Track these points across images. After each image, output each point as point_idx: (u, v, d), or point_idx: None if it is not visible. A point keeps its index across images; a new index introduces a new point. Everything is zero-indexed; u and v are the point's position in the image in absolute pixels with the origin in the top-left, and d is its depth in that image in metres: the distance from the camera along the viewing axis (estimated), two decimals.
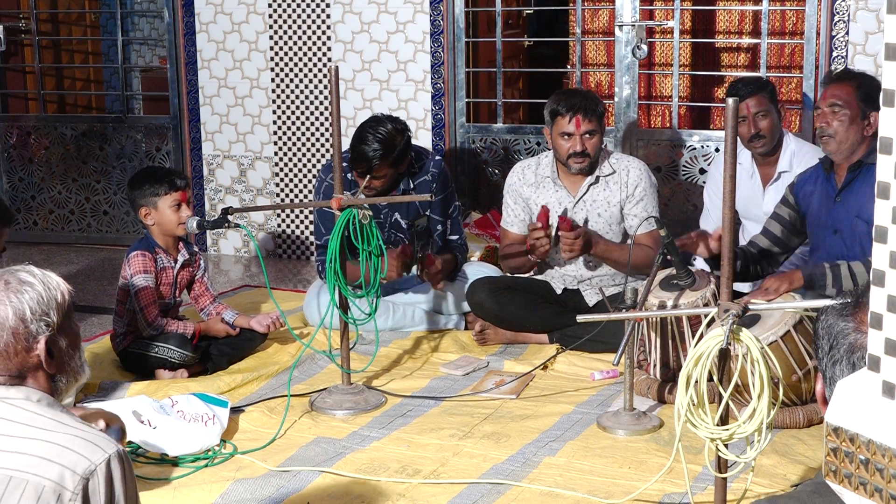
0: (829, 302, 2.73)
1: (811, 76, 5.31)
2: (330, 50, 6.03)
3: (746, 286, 4.51)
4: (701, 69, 6.48)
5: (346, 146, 4.46)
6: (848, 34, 5.12)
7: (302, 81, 6.11)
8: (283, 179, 6.26)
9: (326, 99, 6.07)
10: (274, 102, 6.19)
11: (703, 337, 2.70)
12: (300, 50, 6.08)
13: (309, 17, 6.04)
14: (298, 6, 6.05)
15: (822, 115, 3.96)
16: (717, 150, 5.55)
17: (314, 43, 6.05)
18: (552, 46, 7.82)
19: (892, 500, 1.46)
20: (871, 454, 1.48)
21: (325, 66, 6.05)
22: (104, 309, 5.15)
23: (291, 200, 6.24)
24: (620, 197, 4.49)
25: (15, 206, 6.82)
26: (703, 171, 5.54)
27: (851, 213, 3.88)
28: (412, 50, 5.89)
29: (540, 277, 4.71)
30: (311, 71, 6.09)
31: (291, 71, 6.12)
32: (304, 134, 6.16)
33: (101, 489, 1.88)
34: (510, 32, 6.98)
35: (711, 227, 4.92)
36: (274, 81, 6.17)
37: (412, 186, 4.67)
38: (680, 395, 2.66)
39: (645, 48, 5.54)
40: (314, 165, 6.17)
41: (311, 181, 6.18)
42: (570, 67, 6.45)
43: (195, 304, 4.52)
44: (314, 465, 3.41)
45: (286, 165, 6.23)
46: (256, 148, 6.28)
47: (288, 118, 6.18)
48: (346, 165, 4.52)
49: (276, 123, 6.21)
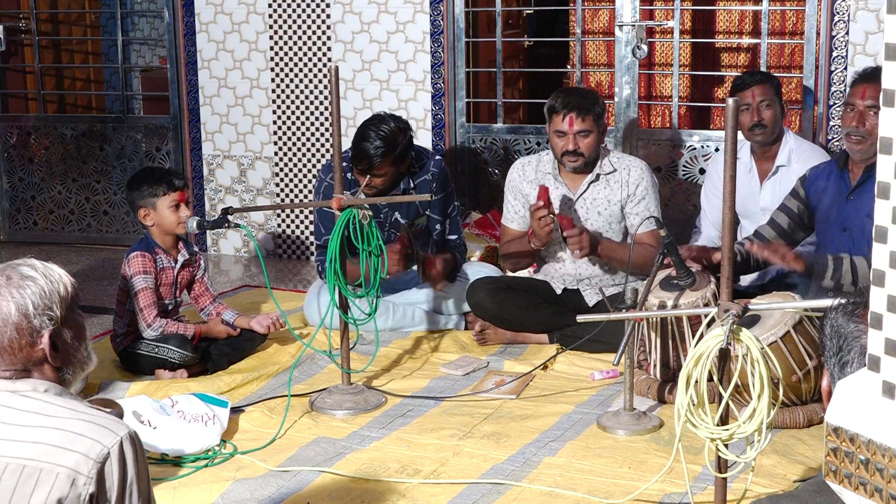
0: (828, 302, 2.73)
1: (811, 76, 5.31)
2: (330, 50, 6.03)
3: (747, 279, 4.53)
4: (701, 69, 6.49)
5: (346, 146, 4.46)
6: (848, 34, 5.12)
7: (302, 81, 6.11)
8: (283, 179, 6.26)
9: (326, 99, 6.07)
10: (274, 102, 6.19)
11: (703, 337, 2.70)
12: (300, 50, 6.08)
13: (309, 17, 6.04)
14: (298, 6, 6.05)
15: (856, 114, 3.90)
16: (716, 149, 5.55)
17: (314, 43, 6.05)
18: (552, 46, 7.81)
19: (892, 500, 1.46)
20: (871, 454, 1.48)
21: (325, 66, 6.05)
22: (104, 309, 5.15)
23: (291, 200, 6.24)
24: (621, 196, 4.49)
25: (15, 206, 6.82)
26: (702, 171, 5.54)
27: (862, 212, 3.88)
28: (412, 50, 5.89)
29: (540, 277, 4.71)
30: (311, 71, 6.09)
31: (291, 71, 6.12)
32: (304, 134, 6.16)
33: (115, 472, 1.89)
34: (510, 32, 6.98)
35: (709, 227, 4.94)
36: (274, 81, 6.17)
37: (412, 186, 4.67)
38: (680, 395, 2.66)
39: (645, 48, 5.54)
40: (314, 165, 6.17)
41: (311, 181, 6.18)
42: (570, 67, 6.45)
43: (195, 304, 4.52)
44: (314, 465, 3.41)
45: (286, 165, 6.23)
46: (256, 148, 6.28)
47: (288, 118, 6.18)
48: (346, 164, 4.52)
49: (276, 123, 6.21)
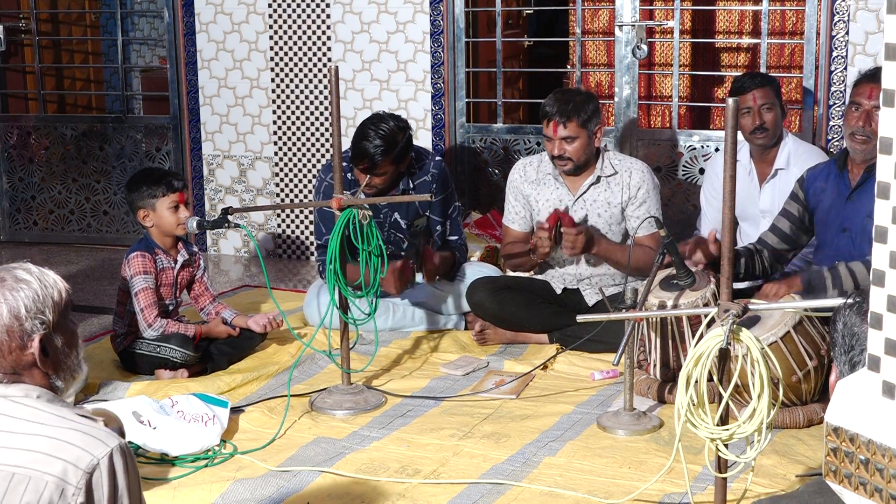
0: (828, 302, 2.73)
1: (811, 76, 5.31)
2: (330, 50, 6.03)
3: (746, 283, 4.52)
4: (701, 69, 6.48)
5: (346, 146, 4.47)
6: (848, 34, 5.12)
7: (302, 81, 6.11)
8: (283, 179, 6.26)
9: (326, 99, 6.07)
10: (274, 102, 6.19)
11: (703, 337, 2.70)
12: (300, 50, 6.08)
13: (309, 17, 6.04)
14: (298, 6, 6.05)
15: (862, 113, 3.88)
16: (716, 149, 5.55)
17: (314, 43, 6.05)
18: (552, 46, 7.81)
19: (892, 499, 1.46)
20: (871, 454, 1.48)
21: (325, 66, 6.05)
22: (104, 309, 5.15)
23: (291, 200, 6.24)
24: (622, 198, 4.49)
25: (15, 206, 6.82)
26: (702, 171, 5.54)
27: (862, 212, 3.86)
28: (412, 50, 5.89)
29: (540, 277, 4.71)
30: (311, 71, 6.09)
31: (291, 71, 6.12)
32: (304, 134, 6.16)
33: (104, 483, 1.87)
34: (510, 32, 6.98)
35: (708, 228, 4.93)
36: (274, 81, 6.17)
37: (412, 186, 4.67)
38: (680, 395, 2.66)
39: (645, 48, 5.54)
40: (314, 165, 6.17)
41: (311, 181, 6.18)
42: (570, 67, 6.45)
43: (195, 303, 4.52)
44: (314, 465, 3.41)
45: (286, 165, 6.23)
46: (256, 148, 6.28)
47: (288, 118, 6.18)
48: (346, 164, 4.52)
49: (276, 123, 6.21)
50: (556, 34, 8.27)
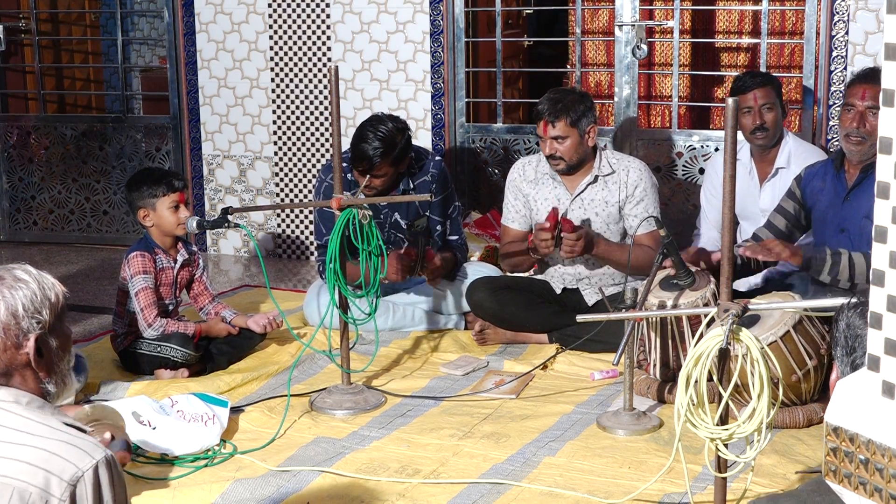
0: (827, 302, 2.73)
1: (811, 76, 5.31)
2: (330, 50, 6.03)
3: (745, 284, 4.52)
4: (701, 69, 6.48)
5: (346, 146, 4.46)
6: (848, 34, 5.12)
7: (302, 81, 6.11)
8: (282, 179, 6.26)
9: (326, 99, 6.07)
10: (274, 102, 6.19)
11: (702, 337, 2.70)
12: (300, 50, 6.08)
13: (309, 17, 6.04)
14: (298, 6, 6.05)
15: (856, 114, 3.88)
16: (716, 149, 5.55)
17: (314, 43, 6.05)
18: (552, 46, 7.81)
19: (891, 499, 1.46)
20: (870, 454, 1.48)
21: (325, 66, 6.05)
22: (104, 309, 5.15)
23: (291, 200, 6.24)
24: (619, 197, 4.49)
25: (15, 205, 6.82)
26: (702, 170, 5.54)
27: (860, 213, 3.87)
28: (412, 50, 5.89)
29: (540, 277, 4.71)
30: (311, 71, 6.09)
31: (291, 71, 6.12)
32: (304, 134, 6.16)
33: (89, 495, 1.85)
34: (510, 32, 6.98)
35: (708, 227, 4.93)
36: (274, 81, 6.17)
37: (412, 187, 4.67)
38: (680, 394, 2.66)
39: (645, 48, 5.54)
40: (314, 165, 6.17)
41: (311, 181, 6.18)
42: (569, 67, 6.45)
43: (194, 303, 4.52)
44: (314, 465, 3.41)
45: (286, 165, 6.23)
46: (256, 148, 6.28)
47: (288, 118, 6.18)
48: (346, 165, 4.52)
49: (275, 123, 6.21)
50: (555, 34, 8.27)
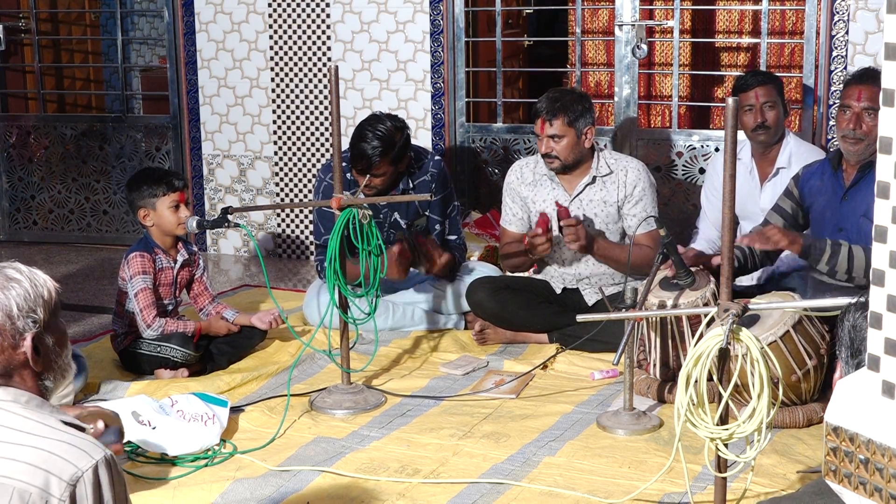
0: (827, 303, 2.73)
1: (811, 76, 5.31)
2: (330, 50, 6.03)
3: (746, 279, 4.53)
4: (701, 69, 6.48)
5: (345, 146, 4.46)
6: (848, 34, 5.12)
7: (302, 81, 6.11)
8: (282, 179, 6.26)
9: (326, 99, 6.07)
10: (274, 102, 6.19)
11: (702, 337, 2.70)
12: (300, 50, 6.08)
13: (309, 17, 6.04)
14: (298, 6, 6.05)
15: (853, 115, 3.88)
16: (716, 149, 5.55)
17: (314, 43, 6.05)
18: (552, 46, 7.81)
19: (891, 499, 1.46)
20: (870, 454, 1.48)
21: (325, 65, 6.05)
22: (104, 309, 5.15)
23: (291, 200, 6.24)
24: (618, 197, 4.49)
25: (15, 205, 6.82)
26: (702, 170, 5.54)
27: (858, 212, 3.87)
28: (412, 50, 5.89)
29: (540, 277, 4.71)
30: (311, 71, 6.09)
31: (291, 71, 6.12)
32: (303, 134, 6.16)
33: (89, 495, 1.85)
34: (510, 32, 6.98)
35: (708, 227, 4.94)
36: (274, 81, 6.17)
37: (412, 186, 4.67)
38: (680, 394, 2.66)
39: (645, 48, 5.54)
40: (314, 165, 6.17)
41: (310, 181, 6.18)
42: (569, 67, 6.45)
43: (194, 303, 4.51)
44: (314, 464, 3.41)
45: (286, 165, 6.23)
46: (256, 148, 6.28)
47: (288, 118, 6.18)
48: (346, 164, 4.52)
49: (275, 123, 6.21)
50: (555, 34, 8.28)
